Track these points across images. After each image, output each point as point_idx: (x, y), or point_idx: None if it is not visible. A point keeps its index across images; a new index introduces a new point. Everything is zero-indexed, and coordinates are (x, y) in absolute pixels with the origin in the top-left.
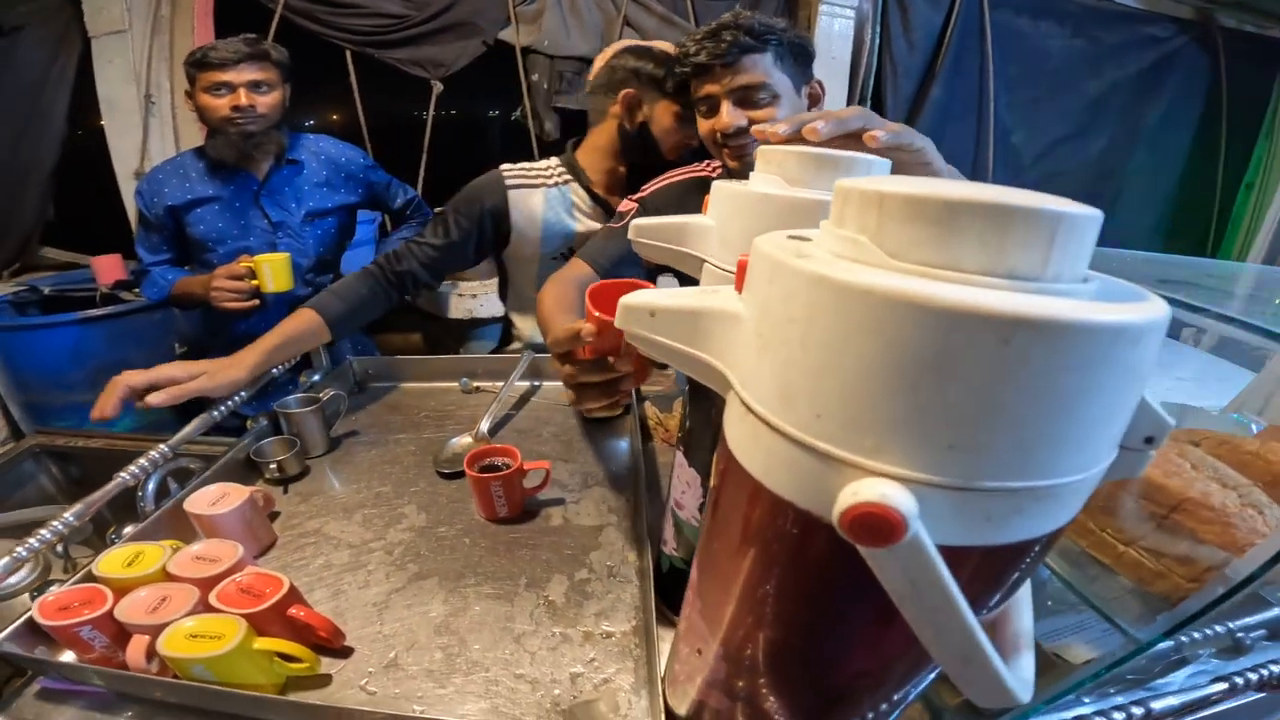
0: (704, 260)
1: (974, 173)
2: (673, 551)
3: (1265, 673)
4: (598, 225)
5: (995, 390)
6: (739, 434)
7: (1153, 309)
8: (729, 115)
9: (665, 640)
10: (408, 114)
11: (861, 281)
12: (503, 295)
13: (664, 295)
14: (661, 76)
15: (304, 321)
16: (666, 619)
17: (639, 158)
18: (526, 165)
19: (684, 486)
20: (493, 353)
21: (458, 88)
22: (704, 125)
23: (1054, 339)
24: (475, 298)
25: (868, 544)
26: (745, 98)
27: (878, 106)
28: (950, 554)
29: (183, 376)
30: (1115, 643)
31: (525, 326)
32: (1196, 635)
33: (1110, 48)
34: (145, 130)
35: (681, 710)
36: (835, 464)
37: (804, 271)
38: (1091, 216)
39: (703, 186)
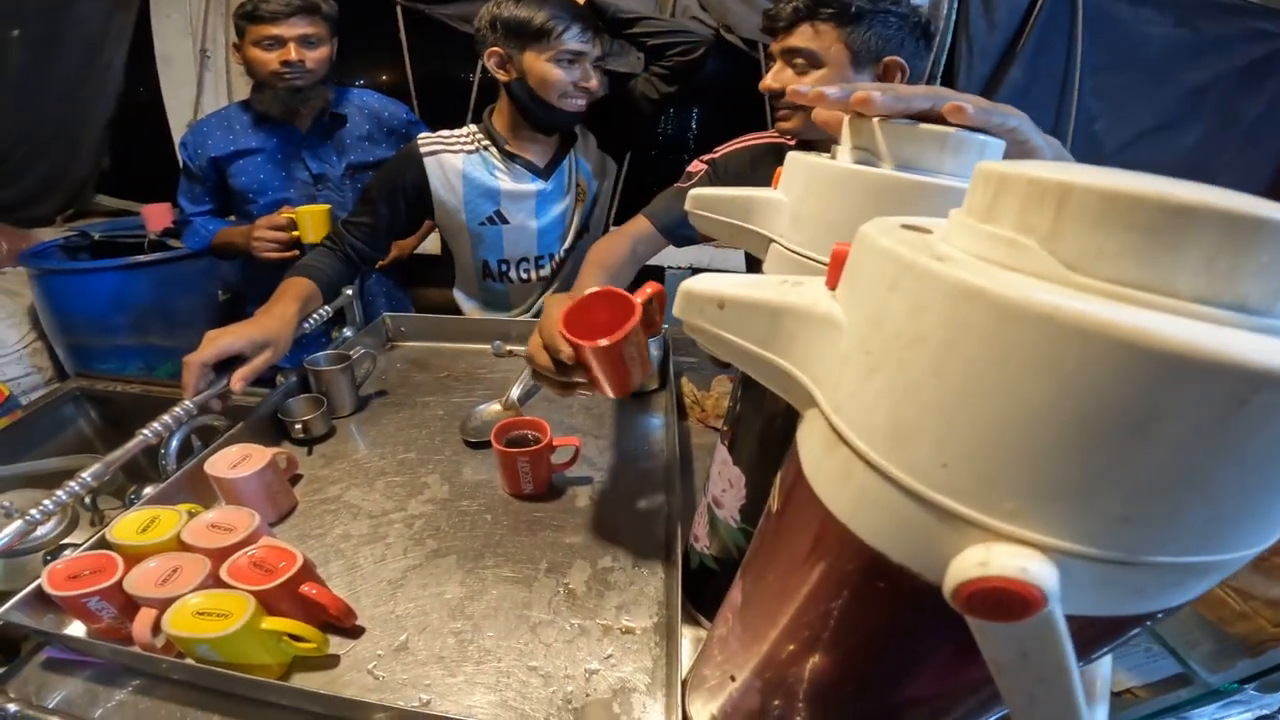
0: (772, 239)
1: None
2: (704, 549)
3: None
4: (522, 185)
5: (1208, 457)
6: (821, 463)
7: None
8: (769, 77)
9: (688, 639)
10: (455, 74)
11: (1040, 302)
12: (451, 273)
13: (737, 284)
14: (522, 21)
15: (306, 286)
16: (691, 617)
17: (544, 116)
18: (445, 133)
19: (725, 485)
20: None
21: None
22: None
23: None
24: None
25: (986, 619)
26: (789, 61)
27: (948, 86)
28: (1072, 619)
29: (247, 350)
30: (1160, 669)
31: (471, 314)
32: None
33: (1215, 39)
34: (200, 83)
35: None
36: (957, 522)
37: (948, 280)
38: None
39: (778, 153)
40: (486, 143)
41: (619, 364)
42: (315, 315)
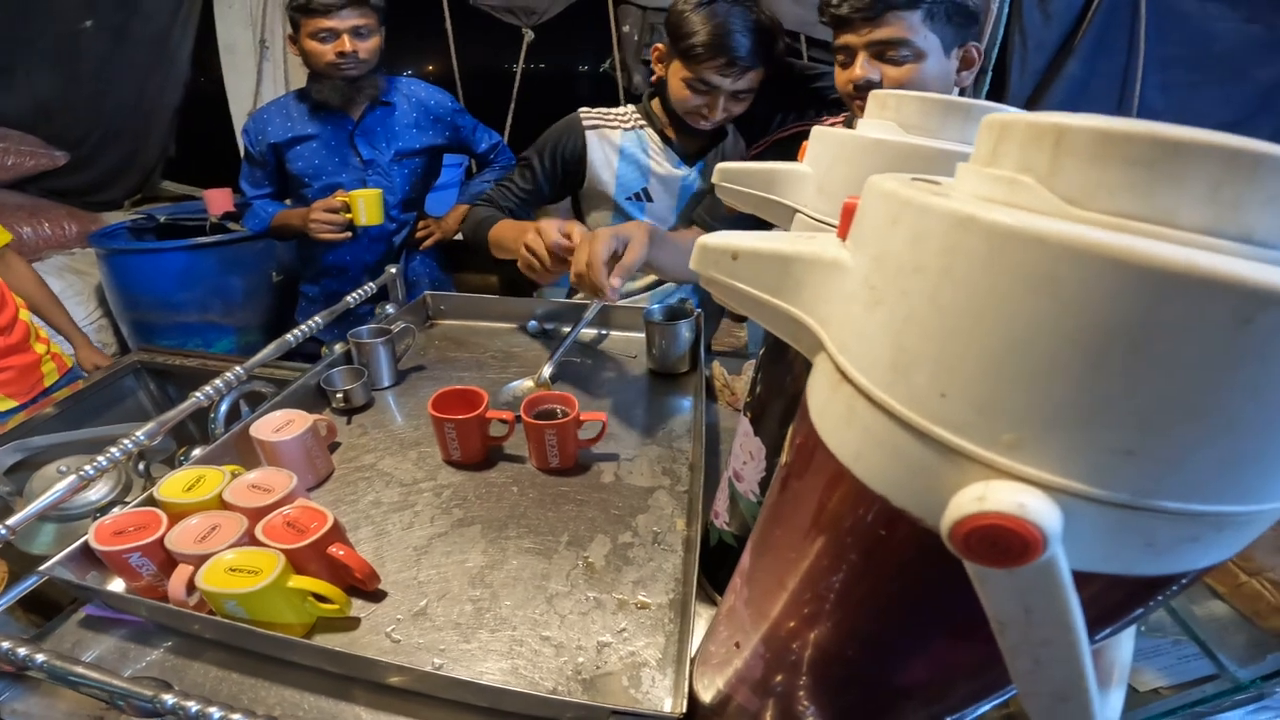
0: (796, 209)
1: None
2: (724, 525)
3: None
4: (670, 169)
5: (1215, 384)
6: (827, 406)
7: None
8: (862, 68)
9: (702, 618)
10: (499, 64)
11: (1034, 227)
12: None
13: (749, 237)
14: (678, 33)
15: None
16: (708, 596)
17: (677, 119)
18: (604, 109)
19: (746, 457)
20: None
21: (548, 38)
22: (840, 76)
23: None
24: None
25: (985, 563)
26: (882, 53)
27: (1000, 80)
28: (1082, 578)
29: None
30: (1192, 670)
31: None
32: None
33: None
34: (259, 73)
35: (706, 698)
36: (955, 458)
37: (944, 210)
38: None
39: None
40: (644, 123)
41: (440, 430)
42: (359, 291)
